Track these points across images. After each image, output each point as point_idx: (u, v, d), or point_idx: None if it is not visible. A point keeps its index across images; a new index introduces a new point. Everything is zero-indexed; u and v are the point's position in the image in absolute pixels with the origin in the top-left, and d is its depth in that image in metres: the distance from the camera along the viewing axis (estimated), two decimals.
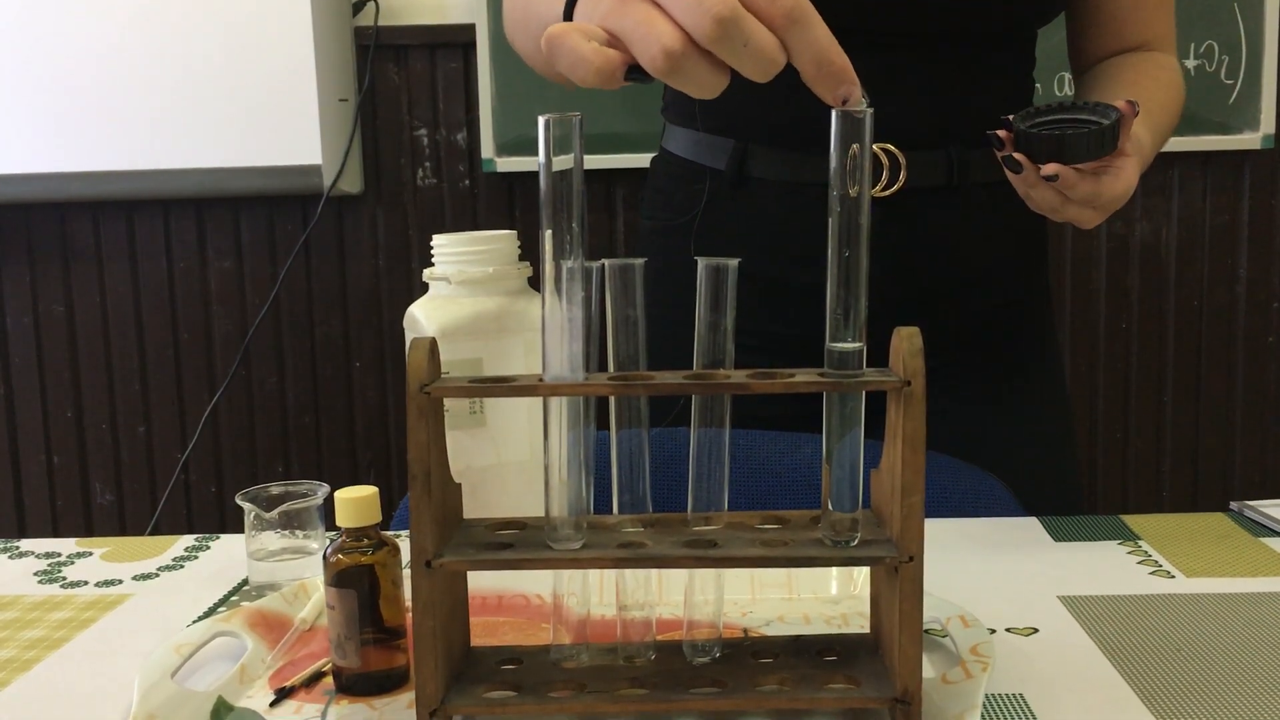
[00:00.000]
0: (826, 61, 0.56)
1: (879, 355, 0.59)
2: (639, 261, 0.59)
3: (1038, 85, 1.13)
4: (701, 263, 0.59)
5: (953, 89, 1.02)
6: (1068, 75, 1.73)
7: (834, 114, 0.55)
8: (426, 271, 0.88)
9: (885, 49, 0.99)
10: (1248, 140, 2.10)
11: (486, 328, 0.85)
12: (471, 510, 0.64)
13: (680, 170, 1.11)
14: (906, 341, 0.56)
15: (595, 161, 2.11)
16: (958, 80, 1.02)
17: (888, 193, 1.00)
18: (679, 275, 0.95)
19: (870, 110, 0.55)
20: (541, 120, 0.56)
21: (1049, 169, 0.83)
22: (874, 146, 1.00)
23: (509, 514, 0.64)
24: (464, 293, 0.86)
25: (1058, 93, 2.08)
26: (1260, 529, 0.89)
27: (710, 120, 1.08)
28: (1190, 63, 2.08)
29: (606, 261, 0.59)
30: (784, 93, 1.04)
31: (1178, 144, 2.10)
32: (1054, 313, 1.19)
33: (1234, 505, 0.94)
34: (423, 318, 0.86)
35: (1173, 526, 0.90)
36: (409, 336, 0.79)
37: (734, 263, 0.59)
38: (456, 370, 0.80)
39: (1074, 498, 1.14)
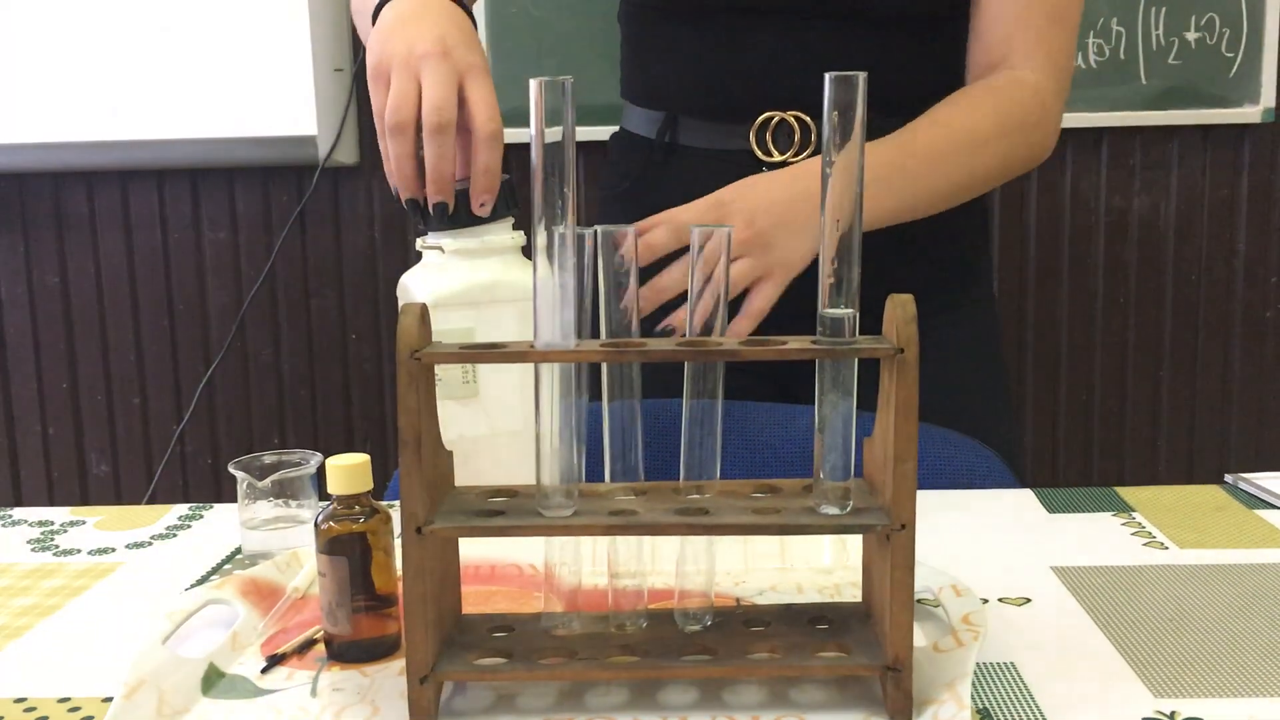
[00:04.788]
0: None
1: (804, 318, 0.63)
2: (631, 228, 0.59)
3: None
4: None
5: (861, 61, 1.07)
6: None
7: (826, 79, 0.55)
8: (419, 240, 0.88)
9: (798, 22, 1.07)
10: (1248, 114, 2.08)
11: (479, 297, 0.85)
12: (464, 481, 0.64)
13: (628, 143, 1.21)
14: (900, 309, 0.55)
15: (590, 134, 2.09)
16: (867, 53, 1.08)
17: (799, 159, 1.08)
18: None
19: None
20: (533, 84, 0.55)
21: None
22: (787, 114, 1.08)
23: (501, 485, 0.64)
24: (457, 261, 0.86)
25: None
26: (1255, 501, 0.89)
27: (649, 97, 1.18)
28: (1191, 35, 2.06)
29: (599, 228, 0.59)
30: (708, 73, 1.12)
31: (1178, 117, 2.09)
32: (990, 275, 1.23)
33: (1229, 477, 0.94)
34: (415, 287, 0.85)
35: (1167, 498, 0.90)
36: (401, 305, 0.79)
37: (728, 228, 0.58)
38: (449, 340, 0.79)
39: (1009, 435, 1.18)
